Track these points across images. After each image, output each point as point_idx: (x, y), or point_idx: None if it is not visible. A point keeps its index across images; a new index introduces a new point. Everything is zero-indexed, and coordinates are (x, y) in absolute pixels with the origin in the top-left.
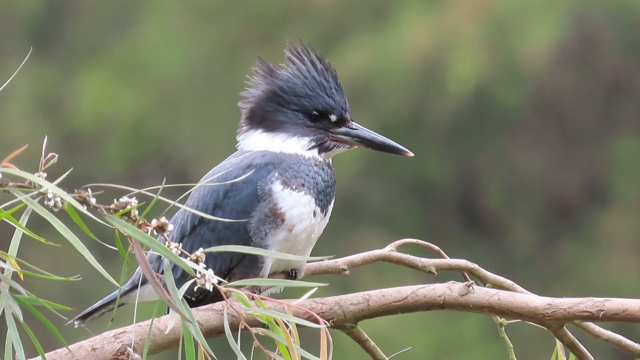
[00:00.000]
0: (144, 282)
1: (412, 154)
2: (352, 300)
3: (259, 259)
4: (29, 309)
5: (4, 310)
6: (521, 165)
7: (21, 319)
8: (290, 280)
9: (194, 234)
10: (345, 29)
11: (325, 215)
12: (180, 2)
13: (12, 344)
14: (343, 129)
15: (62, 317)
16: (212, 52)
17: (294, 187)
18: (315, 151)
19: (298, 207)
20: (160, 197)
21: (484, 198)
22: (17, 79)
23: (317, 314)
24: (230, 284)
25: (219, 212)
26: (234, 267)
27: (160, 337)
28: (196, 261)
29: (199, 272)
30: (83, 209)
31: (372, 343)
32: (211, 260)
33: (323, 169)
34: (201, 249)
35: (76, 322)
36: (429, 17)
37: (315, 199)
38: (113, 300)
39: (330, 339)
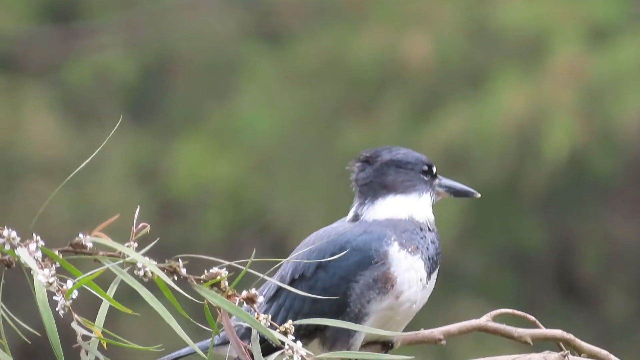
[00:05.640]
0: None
1: (479, 195)
2: None
3: None
4: None
5: None
6: (617, 233)
7: None
8: (382, 354)
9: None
10: (442, 97)
11: (428, 283)
12: (276, 69)
13: None
14: (437, 181)
15: None
16: (309, 118)
17: (410, 249)
18: (430, 209)
19: (411, 271)
20: (250, 271)
21: (580, 266)
22: (113, 147)
23: None
24: (318, 356)
25: (321, 272)
26: (324, 327)
27: None
28: (285, 333)
29: (288, 345)
30: (170, 281)
31: None
32: (300, 317)
33: (433, 232)
34: (290, 321)
35: None
36: (524, 84)
37: (425, 264)
38: (203, 349)
39: None
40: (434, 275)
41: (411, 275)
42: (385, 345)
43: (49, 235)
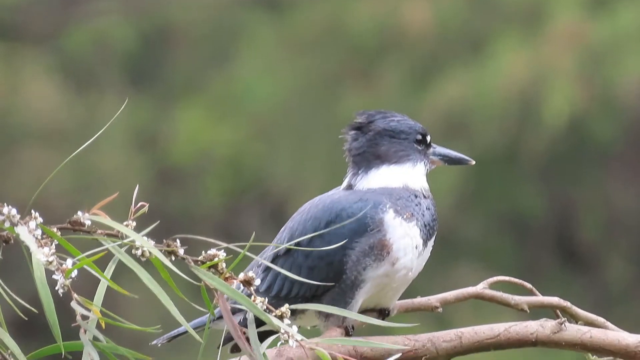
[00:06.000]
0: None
1: (474, 162)
2: (445, 337)
3: (347, 294)
4: (109, 356)
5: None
6: (617, 199)
7: None
8: (375, 342)
9: (287, 256)
10: (441, 62)
11: (424, 250)
12: (276, 35)
13: None
14: (431, 150)
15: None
16: (309, 84)
17: (405, 216)
18: (424, 178)
19: (406, 238)
20: (248, 254)
21: (579, 232)
22: (113, 114)
23: (410, 351)
24: (314, 340)
25: (317, 240)
26: (321, 295)
27: None
28: (281, 317)
29: (284, 330)
30: (168, 262)
31: None
32: (296, 286)
33: (429, 199)
34: (287, 305)
35: (160, 343)
36: (524, 49)
37: (420, 231)
38: (201, 325)
39: None
40: (431, 242)
41: (407, 242)
42: (382, 313)
43: (48, 201)
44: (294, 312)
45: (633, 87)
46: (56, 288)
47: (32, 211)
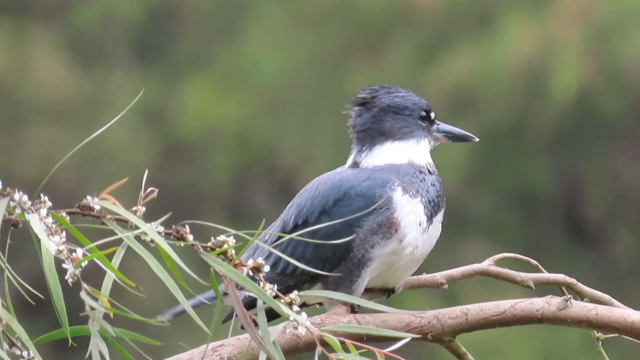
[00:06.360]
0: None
1: (477, 139)
2: (451, 314)
3: (354, 272)
4: (112, 343)
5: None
6: (625, 174)
7: (107, 358)
8: (384, 330)
9: (294, 233)
10: (449, 37)
11: (430, 227)
12: (285, 10)
13: None
14: (435, 127)
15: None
16: (317, 59)
17: (411, 193)
18: (429, 155)
19: (411, 215)
20: (258, 241)
21: (587, 208)
22: (120, 89)
23: (416, 328)
24: (324, 328)
25: (325, 218)
26: (327, 272)
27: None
28: (290, 304)
29: (293, 317)
30: (174, 254)
31: (470, 357)
32: (303, 263)
33: (434, 175)
34: (296, 292)
35: (165, 319)
36: (532, 24)
37: (424, 208)
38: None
39: None
40: (437, 219)
41: (412, 219)
42: (388, 291)
43: (55, 176)
44: (299, 290)
45: None
46: (66, 277)
47: (41, 195)
